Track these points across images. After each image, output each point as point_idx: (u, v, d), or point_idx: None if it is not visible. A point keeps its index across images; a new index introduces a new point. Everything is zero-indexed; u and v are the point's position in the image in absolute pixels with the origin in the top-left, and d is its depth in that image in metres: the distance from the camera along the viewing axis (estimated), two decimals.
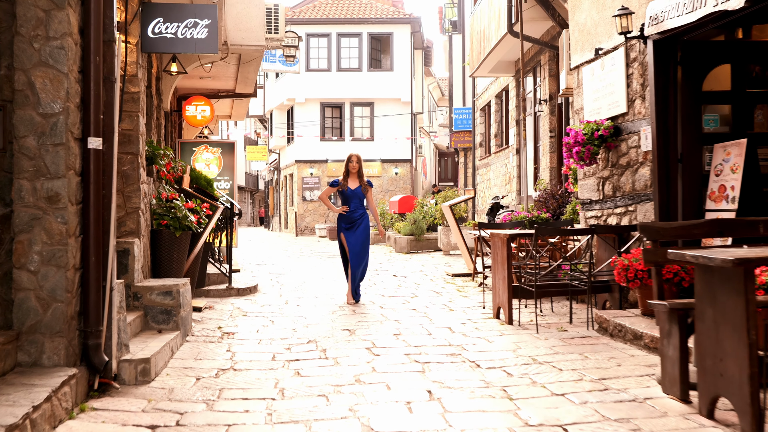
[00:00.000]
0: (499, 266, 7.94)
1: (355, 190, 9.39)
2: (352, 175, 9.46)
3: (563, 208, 12.31)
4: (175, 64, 8.93)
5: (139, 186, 6.93)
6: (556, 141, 14.75)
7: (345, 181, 9.43)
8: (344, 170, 9.48)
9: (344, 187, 9.40)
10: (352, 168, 9.41)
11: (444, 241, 16.91)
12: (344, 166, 9.50)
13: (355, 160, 9.44)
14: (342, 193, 9.45)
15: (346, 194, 9.40)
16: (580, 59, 8.96)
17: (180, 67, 9.01)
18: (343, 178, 9.48)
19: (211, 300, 9.49)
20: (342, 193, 9.46)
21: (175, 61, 8.93)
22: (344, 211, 9.34)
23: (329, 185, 9.59)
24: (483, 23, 16.69)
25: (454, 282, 11.77)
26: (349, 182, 9.43)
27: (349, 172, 9.45)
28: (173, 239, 7.83)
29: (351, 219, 9.32)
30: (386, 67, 32.01)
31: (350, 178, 9.45)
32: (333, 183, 9.58)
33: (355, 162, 9.42)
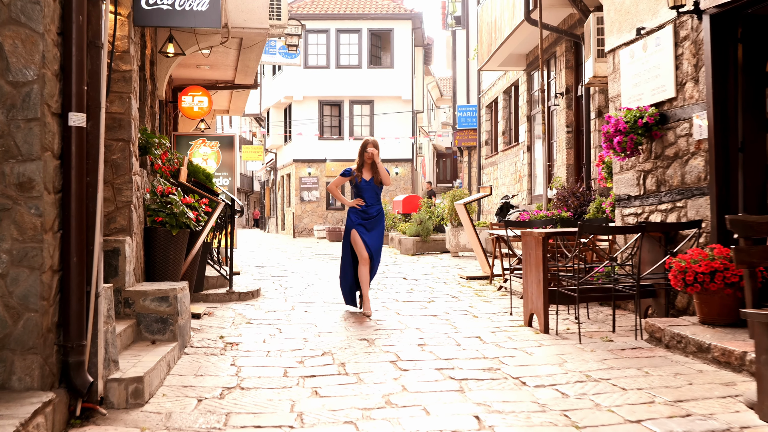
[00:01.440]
0: (532, 268, 7.13)
1: (369, 182, 8.25)
2: (367, 165, 8.29)
3: (585, 206, 11.52)
4: (172, 45, 8.09)
5: (131, 177, 6.11)
6: (573, 136, 13.97)
7: (359, 171, 8.29)
8: (358, 159, 8.29)
9: (358, 178, 8.26)
10: (367, 158, 8.21)
11: (452, 242, 16.11)
12: (358, 154, 8.32)
13: (371, 148, 8.18)
14: (355, 185, 8.29)
15: (359, 186, 8.23)
16: (617, 41, 8.17)
17: (177, 48, 8.18)
18: (357, 168, 8.31)
19: (210, 305, 8.65)
20: (355, 186, 8.29)
21: (172, 41, 8.09)
22: (358, 205, 8.24)
23: (341, 175, 8.43)
24: (494, 13, 15.91)
25: (470, 285, 10.96)
26: (364, 173, 8.29)
27: (364, 162, 8.26)
28: (169, 238, 7.01)
29: (367, 215, 8.22)
30: (386, 64, 31.20)
31: (365, 169, 8.30)
32: (345, 172, 8.40)
33: (371, 150, 8.17)
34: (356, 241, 8.14)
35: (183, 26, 6.64)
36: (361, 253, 8.12)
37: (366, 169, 8.29)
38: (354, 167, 8.38)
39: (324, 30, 30.80)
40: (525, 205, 16.77)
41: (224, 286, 9.32)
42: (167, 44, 8.08)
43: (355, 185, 8.30)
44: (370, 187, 8.25)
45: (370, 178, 8.28)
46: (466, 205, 12.07)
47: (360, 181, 8.26)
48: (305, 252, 20.05)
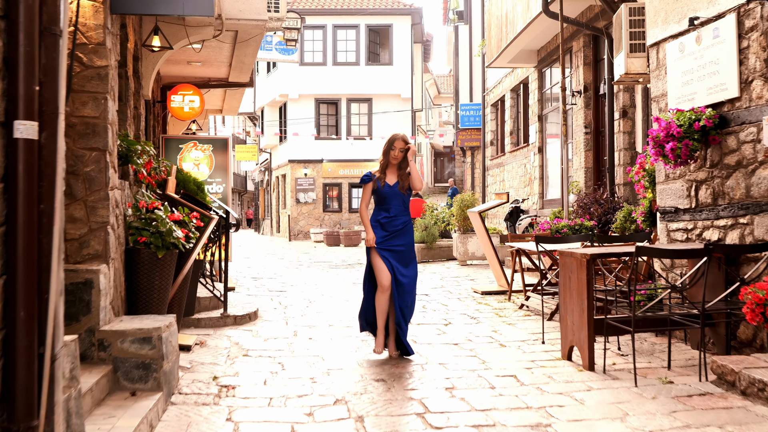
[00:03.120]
0: (573, 294, 6.20)
1: (394, 187, 6.64)
2: (392, 167, 6.67)
3: (610, 215, 10.61)
4: (157, 38, 7.11)
5: (107, 193, 5.15)
6: (592, 138, 13.05)
7: (382, 174, 6.66)
8: (382, 159, 6.69)
9: (381, 181, 6.63)
10: (393, 158, 6.60)
11: (460, 249, 15.17)
12: (383, 153, 6.71)
13: (399, 145, 6.58)
14: (377, 192, 6.66)
15: (382, 193, 6.63)
16: (662, 33, 7.24)
17: (164, 41, 7.21)
18: (379, 170, 6.68)
19: (202, 332, 7.69)
20: (377, 192, 6.67)
21: (158, 33, 7.11)
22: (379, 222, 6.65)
23: (362, 181, 6.75)
24: (506, 7, 14.97)
25: (487, 302, 10.02)
26: (388, 176, 6.66)
27: (389, 162, 6.63)
28: (154, 261, 6.04)
29: (391, 228, 6.60)
30: (385, 61, 30.23)
31: (389, 170, 6.67)
32: (366, 178, 6.72)
33: (400, 149, 6.58)
34: (376, 264, 6.57)
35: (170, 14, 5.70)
36: (380, 278, 6.51)
37: (391, 171, 6.70)
38: (375, 170, 6.75)
39: (321, 26, 29.80)
40: (536, 210, 15.86)
41: (218, 307, 8.36)
42: (152, 36, 7.10)
43: (377, 191, 6.66)
44: (396, 193, 6.65)
45: (395, 182, 6.67)
46: (480, 214, 11.12)
47: (384, 186, 6.63)
48: (303, 259, 19.09)
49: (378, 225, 6.64)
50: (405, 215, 6.71)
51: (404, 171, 6.68)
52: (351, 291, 11.41)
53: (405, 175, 6.69)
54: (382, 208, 6.68)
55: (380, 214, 6.65)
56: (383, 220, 6.65)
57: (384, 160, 6.71)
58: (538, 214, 15.47)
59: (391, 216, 6.64)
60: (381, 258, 6.57)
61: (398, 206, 6.67)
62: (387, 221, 6.64)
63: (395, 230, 6.63)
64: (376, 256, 6.60)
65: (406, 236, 6.67)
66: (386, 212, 6.65)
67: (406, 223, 6.70)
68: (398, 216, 6.65)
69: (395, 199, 6.67)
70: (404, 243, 6.64)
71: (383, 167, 6.70)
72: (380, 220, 6.65)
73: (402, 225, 6.65)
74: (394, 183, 6.67)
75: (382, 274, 6.55)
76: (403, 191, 6.69)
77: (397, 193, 6.66)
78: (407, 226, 6.70)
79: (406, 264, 6.63)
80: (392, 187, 6.66)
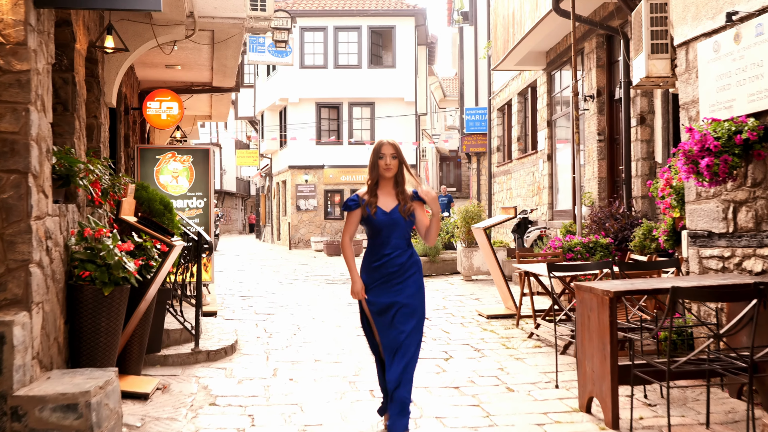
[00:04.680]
0: (593, 336, 5.27)
1: (392, 213, 4.86)
2: (385, 182, 4.94)
3: (627, 231, 9.66)
4: (111, 38, 6.20)
5: (29, 225, 4.24)
6: (606, 146, 12.11)
7: (372, 196, 4.91)
8: (370, 175, 4.97)
9: (370, 207, 4.87)
10: (385, 168, 4.89)
11: (465, 264, 14.24)
12: (369, 166, 4.98)
13: (389, 152, 4.90)
14: (369, 222, 4.90)
15: (375, 223, 4.86)
16: (692, 31, 6.31)
17: (118, 42, 6.31)
18: (368, 191, 4.94)
19: (168, 372, 6.77)
20: (368, 223, 4.91)
21: (111, 32, 6.21)
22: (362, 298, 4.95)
23: (344, 210, 5.07)
24: (513, 5, 14.04)
25: (493, 329, 9.10)
26: (380, 197, 4.90)
27: (381, 175, 4.91)
28: (100, 299, 5.15)
29: (388, 270, 4.86)
30: (388, 63, 29.29)
31: (382, 189, 4.94)
32: (350, 203, 4.98)
33: (390, 157, 4.89)
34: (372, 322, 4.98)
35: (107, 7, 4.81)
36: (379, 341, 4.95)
37: (384, 189, 4.93)
38: (363, 190, 4.99)
39: (321, 27, 28.90)
40: (546, 221, 14.92)
41: (190, 340, 7.44)
42: (105, 36, 6.20)
43: (368, 221, 4.89)
44: (395, 221, 4.84)
45: (395, 206, 4.87)
46: (485, 230, 10.19)
47: (376, 213, 4.84)
48: (299, 271, 18.17)
49: (369, 265, 4.94)
50: (407, 250, 4.92)
51: (403, 187, 4.92)
52: (345, 313, 10.50)
53: (405, 194, 4.91)
54: (377, 243, 4.91)
55: (375, 254, 4.91)
56: (378, 262, 4.88)
57: (372, 176, 4.95)
58: (547, 225, 14.53)
59: (388, 255, 4.86)
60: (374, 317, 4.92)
61: (398, 238, 4.87)
62: (384, 261, 4.87)
63: (394, 271, 4.86)
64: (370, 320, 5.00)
65: (409, 281, 4.88)
66: (382, 247, 4.87)
67: (409, 261, 4.91)
68: (397, 252, 4.86)
69: (395, 230, 4.84)
70: (408, 292, 4.86)
71: (373, 186, 4.94)
72: (373, 265, 4.90)
73: (402, 265, 4.86)
74: (392, 208, 4.86)
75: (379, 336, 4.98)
76: (405, 216, 4.85)
77: (396, 221, 4.84)
78: (412, 264, 4.91)
79: (410, 316, 4.86)
80: (389, 214, 4.85)
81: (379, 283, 4.90)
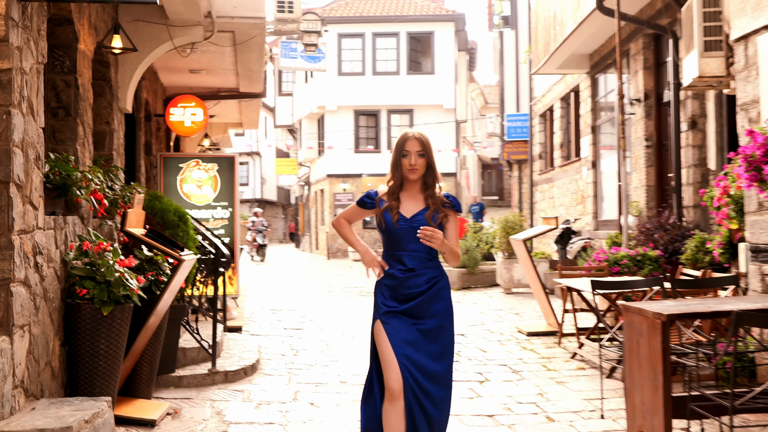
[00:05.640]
0: (643, 364, 4.69)
1: (414, 220, 3.97)
2: (411, 184, 4.06)
3: (678, 243, 9.01)
4: (118, 37, 5.82)
5: (10, 239, 3.84)
6: (653, 152, 11.45)
7: (394, 199, 4.03)
8: (393, 174, 4.06)
9: (392, 211, 4.00)
10: (409, 169, 3.99)
11: (505, 276, 13.65)
12: (392, 162, 4.09)
13: (415, 150, 3.98)
14: (385, 229, 4.02)
15: (393, 231, 3.99)
16: (752, 24, 5.71)
17: (127, 42, 5.92)
18: (390, 191, 4.07)
19: (181, 394, 6.33)
20: (385, 230, 4.02)
21: (119, 32, 5.82)
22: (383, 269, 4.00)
23: (357, 202, 4.18)
24: (554, 6, 13.47)
25: (533, 347, 8.53)
26: (404, 201, 4.04)
27: (405, 176, 4.03)
28: (99, 320, 4.73)
29: (408, 291, 3.95)
30: (427, 70, 28.79)
31: (407, 192, 4.07)
32: (365, 199, 4.13)
33: (416, 155, 3.98)
34: (381, 347, 3.91)
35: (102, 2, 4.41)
36: (387, 374, 3.85)
37: (409, 192, 4.06)
38: (383, 189, 4.12)
39: (359, 34, 28.54)
40: (590, 232, 14.26)
41: (209, 359, 7.00)
42: (112, 36, 5.83)
43: (385, 228, 4.03)
44: (414, 229, 3.91)
45: (421, 209, 4.01)
46: (525, 241, 9.62)
47: (398, 220, 3.97)
48: (335, 283, 17.73)
49: (386, 282, 4.01)
50: (431, 266, 4.00)
51: (433, 191, 4.03)
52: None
53: (436, 198, 4.03)
54: (392, 256, 4.00)
55: (389, 269, 3.99)
56: (393, 278, 3.96)
57: (395, 178, 4.05)
58: (591, 236, 13.88)
59: (409, 270, 3.94)
60: (388, 340, 3.89)
61: (420, 252, 3.96)
62: (401, 279, 3.94)
63: (414, 292, 3.94)
64: (382, 336, 3.92)
65: (433, 303, 3.97)
66: (398, 262, 3.97)
67: (433, 278, 3.98)
68: (418, 269, 3.95)
69: (417, 240, 3.89)
70: (430, 313, 3.95)
71: (395, 189, 4.05)
72: (386, 283, 4.00)
73: (426, 284, 3.95)
74: (416, 213, 3.98)
75: (390, 369, 3.85)
76: (431, 221, 3.96)
77: (417, 229, 3.88)
78: (436, 283, 3.98)
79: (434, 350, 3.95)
80: (410, 221, 3.95)
81: (400, 305, 3.95)
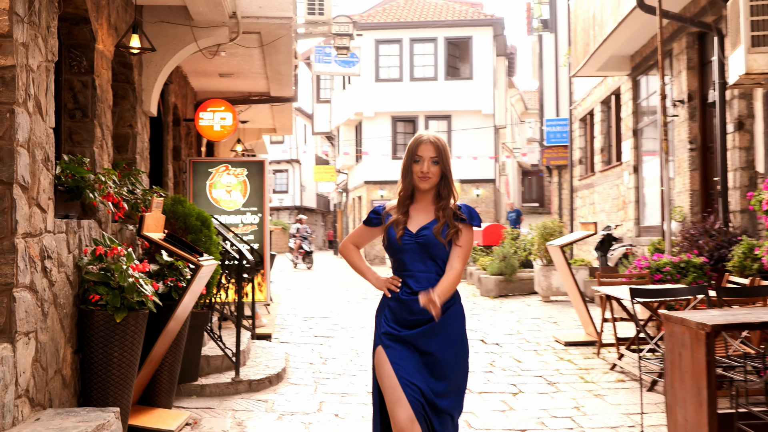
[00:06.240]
0: (685, 378, 4.38)
1: (422, 234, 3.53)
2: (422, 195, 3.62)
3: (725, 249, 8.60)
4: (136, 37, 5.67)
5: (13, 242, 3.68)
6: (698, 155, 11.02)
7: (402, 213, 3.60)
8: (403, 181, 3.62)
9: (396, 227, 3.56)
10: (421, 177, 3.55)
11: (543, 284, 13.29)
12: (402, 168, 3.64)
13: (428, 155, 3.53)
14: (389, 245, 3.59)
15: (397, 247, 3.55)
16: None
17: (145, 42, 5.77)
18: (398, 206, 3.63)
19: (203, 404, 6.15)
20: (389, 246, 3.59)
21: (137, 31, 5.67)
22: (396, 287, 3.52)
23: (364, 222, 3.76)
24: (593, 6, 13.11)
25: (570, 358, 8.19)
26: (414, 215, 3.60)
27: (415, 185, 3.59)
28: (112, 327, 4.57)
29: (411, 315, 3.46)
30: (465, 75, 28.48)
31: (418, 204, 3.63)
32: (371, 216, 3.72)
33: (430, 162, 3.53)
34: (384, 377, 3.43)
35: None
36: (394, 410, 3.34)
37: (422, 203, 3.61)
38: (392, 203, 3.68)
39: (396, 40, 28.35)
40: (631, 238, 13.83)
41: (233, 368, 6.82)
42: (130, 35, 5.68)
43: (388, 245, 3.59)
44: (421, 245, 3.50)
45: (429, 222, 3.54)
46: (563, 248, 9.29)
47: (403, 235, 3.52)
48: (369, 291, 17.48)
49: (393, 304, 3.52)
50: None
51: (446, 202, 3.57)
52: None
53: (447, 210, 3.55)
54: (400, 274, 3.55)
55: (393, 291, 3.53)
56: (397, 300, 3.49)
57: (405, 185, 3.59)
58: (633, 242, 13.44)
59: (414, 293, 3.44)
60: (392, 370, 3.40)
61: (429, 271, 3.50)
62: (405, 302, 3.46)
63: (420, 320, 3.43)
64: (384, 365, 3.44)
65: (441, 333, 3.47)
66: (404, 284, 3.50)
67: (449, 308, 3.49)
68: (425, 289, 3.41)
69: (423, 259, 3.50)
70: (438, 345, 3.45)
71: (404, 200, 3.60)
72: (390, 304, 3.54)
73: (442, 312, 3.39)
74: (422, 227, 3.52)
75: (396, 402, 3.35)
76: (439, 236, 3.47)
77: (423, 245, 3.49)
78: (446, 311, 3.45)
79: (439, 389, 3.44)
80: (416, 235, 3.51)
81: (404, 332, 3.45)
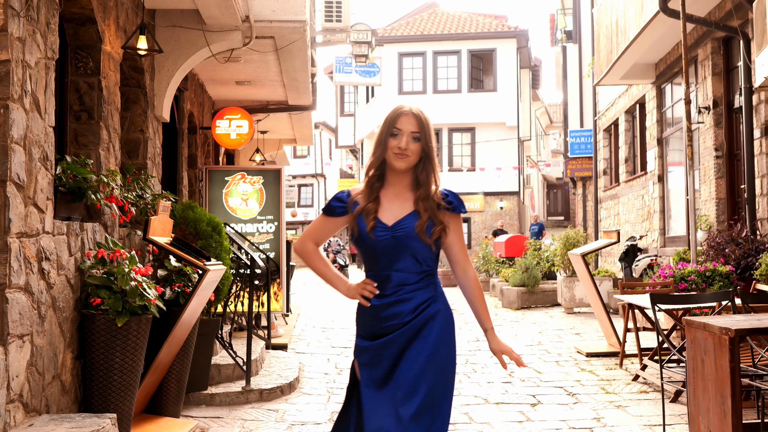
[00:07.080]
0: (708, 386, 4.17)
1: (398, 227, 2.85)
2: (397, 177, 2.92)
3: (751, 258, 8.36)
4: (143, 38, 5.59)
5: (5, 242, 3.59)
6: (724, 162, 10.77)
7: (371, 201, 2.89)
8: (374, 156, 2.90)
9: (366, 218, 2.86)
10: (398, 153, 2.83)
11: (566, 295, 13.05)
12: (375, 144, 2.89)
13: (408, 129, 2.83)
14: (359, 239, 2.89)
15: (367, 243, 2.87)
16: None
17: (152, 43, 5.69)
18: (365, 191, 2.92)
19: (212, 413, 6.03)
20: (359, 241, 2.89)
21: (144, 32, 5.59)
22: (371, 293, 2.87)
23: (324, 211, 3.00)
24: (616, 12, 12.93)
25: (592, 368, 7.97)
26: (384, 204, 2.90)
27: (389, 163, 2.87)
28: (114, 332, 4.47)
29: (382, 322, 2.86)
30: (489, 87, 28.32)
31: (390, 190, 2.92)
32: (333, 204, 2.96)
33: (409, 137, 2.83)
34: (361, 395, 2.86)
35: None
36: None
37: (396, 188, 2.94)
38: (358, 188, 2.98)
39: (420, 53, 28.28)
40: (656, 249, 13.55)
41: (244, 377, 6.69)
42: (137, 36, 5.61)
43: (359, 239, 2.90)
44: (401, 242, 2.85)
45: (408, 213, 2.88)
46: (584, 256, 9.08)
47: (374, 227, 2.85)
48: None
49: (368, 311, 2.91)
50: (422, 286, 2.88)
51: (427, 190, 2.90)
52: None
53: (429, 200, 2.89)
54: (373, 276, 2.93)
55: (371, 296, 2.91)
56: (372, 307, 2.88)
57: (375, 162, 2.91)
58: (658, 253, 13.17)
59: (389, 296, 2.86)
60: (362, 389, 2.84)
61: (407, 270, 2.87)
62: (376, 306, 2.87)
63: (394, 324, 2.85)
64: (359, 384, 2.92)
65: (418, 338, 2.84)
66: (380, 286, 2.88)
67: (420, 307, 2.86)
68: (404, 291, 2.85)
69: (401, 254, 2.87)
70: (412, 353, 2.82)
71: (374, 183, 2.93)
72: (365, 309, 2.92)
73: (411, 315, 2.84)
74: (400, 219, 2.88)
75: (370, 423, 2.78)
76: (424, 235, 2.85)
77: (404, 241, 2.85)
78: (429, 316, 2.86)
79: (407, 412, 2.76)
80: (392, 228, 2.86)
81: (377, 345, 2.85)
